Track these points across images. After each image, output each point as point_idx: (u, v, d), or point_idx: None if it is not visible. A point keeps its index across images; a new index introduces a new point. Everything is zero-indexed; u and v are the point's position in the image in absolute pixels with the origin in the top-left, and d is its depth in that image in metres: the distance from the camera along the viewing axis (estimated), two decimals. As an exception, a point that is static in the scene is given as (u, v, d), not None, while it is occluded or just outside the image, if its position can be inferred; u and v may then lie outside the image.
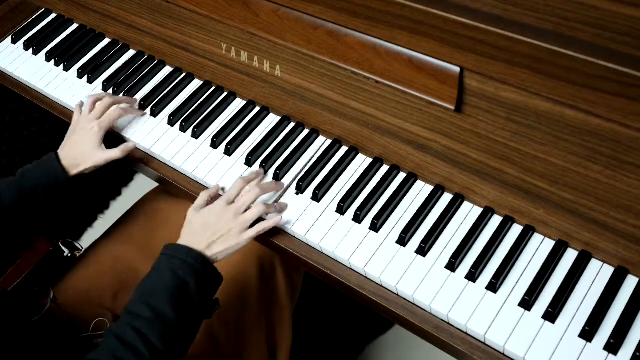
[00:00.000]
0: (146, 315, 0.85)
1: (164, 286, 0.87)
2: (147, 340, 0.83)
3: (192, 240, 0.94)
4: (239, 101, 1.19)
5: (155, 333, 0.84)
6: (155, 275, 0.90)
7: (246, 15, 1.06)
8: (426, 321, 0.89)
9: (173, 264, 0.90)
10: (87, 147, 1.09)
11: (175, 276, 0.88)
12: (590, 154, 0.82)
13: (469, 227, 0.94)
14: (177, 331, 0.86)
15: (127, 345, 0.83)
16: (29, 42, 1.37)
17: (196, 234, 0.94)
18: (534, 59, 0.78)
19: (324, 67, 1.03)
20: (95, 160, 1.09)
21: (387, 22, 0.89)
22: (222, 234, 0.94)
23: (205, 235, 0.94)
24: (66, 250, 1.19)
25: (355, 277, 0.95)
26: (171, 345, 0.85)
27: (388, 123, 1.00)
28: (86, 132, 1.10)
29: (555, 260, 0.89)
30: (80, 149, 1.09)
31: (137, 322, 0.84)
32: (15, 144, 1.67)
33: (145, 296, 0.87)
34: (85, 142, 1.09)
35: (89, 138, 1.09)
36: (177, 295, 0.87)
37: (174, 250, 0.92)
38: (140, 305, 0.86)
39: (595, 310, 0.83)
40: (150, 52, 1.29)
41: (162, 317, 0.85)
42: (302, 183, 1.03)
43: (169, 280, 0.88)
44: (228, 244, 0.94)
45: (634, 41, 0.70)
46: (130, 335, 0.83)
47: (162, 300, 0.86)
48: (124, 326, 0.85)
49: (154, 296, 0.87)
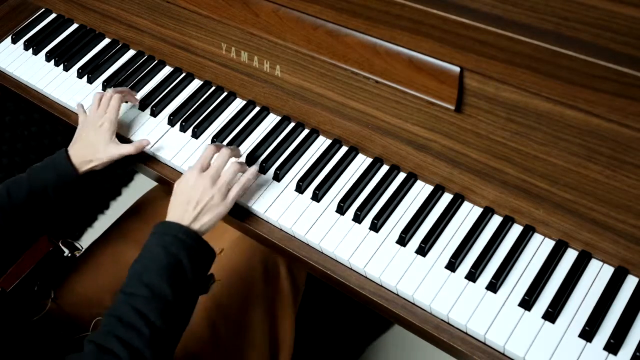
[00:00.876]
0: (143, 294, 0.84)
1: (159, 264, 0.86)
2: (146, 317, 0.82)
3: (179, 217, 0.93)
4: (239, 101, 1.19)
5: (154, 310, 0.83)
6: (148, 254, 0.89)
7: (246, 15, 1.06)
8: (426, 321, 0.89)
9: (165, 241, 0.89)
10: (100, 144, 1.08)
11: (168, 253, 0.87)
12: (590, 154, 0.82)
13: (469, 227, 0.94)
14: (175, 307, 0.86)
15: (126, 324, 0.82)
16: (29, 42, 1.37)
17: (180, 209, 0.94)
18: (534, 59, 0.78)
19: (324, 67, 1.03)
20: (110, 154, 1.08)
21: (387, 22, 0.89)
22: (206, 203, 0.94)
23: (188, 208, 0.93)
24: (66, 250, 1.19)
25: (355, 277, 0.95)
26: (170, 321, 0.84)
27: (388, 123, 1.00)
28: (97, 129, 1.10)
29: (555, 260, 0.89)
30: (92, 146, 1.08)
31: (135, 300, 0.84)
32: (15, 144, 1.67)
33: (140, 275, 0.86)
34: (98, 139, 1.09)
35: (101, 134, 1.09)
36: (171, 272, 0.86)
37: (163, 228, 0.91)
38: (135, 284, 0.85)
39: (595, 310, 0.83)
40: (150, 52, 1.29)
41: (158, 294, 0.84)
42: (302, 183, 1.03)
43: (162, 258, 0.87)
44: (213, 212, 0.94)
45: (634, 41, 0.70)
46: (128, 314, 0.82)
47: (158, 277, 0.85)
48: (122, 305, 0.84)
49: (148, 274, 0.86)
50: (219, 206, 0.95)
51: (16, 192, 1.03)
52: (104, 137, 1.09)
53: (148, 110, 1.20)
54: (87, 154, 1.08)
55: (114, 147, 1.09)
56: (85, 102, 1.24)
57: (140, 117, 1.20)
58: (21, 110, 1.66)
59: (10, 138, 1.66)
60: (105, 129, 1.09)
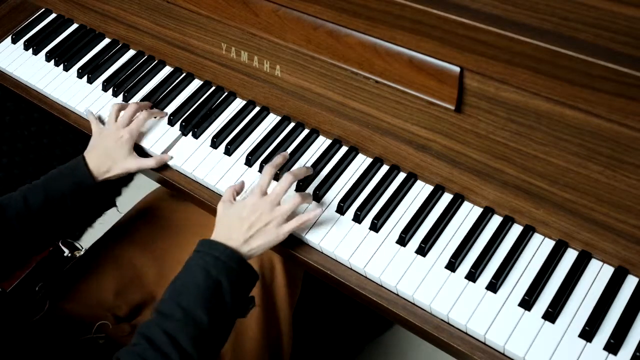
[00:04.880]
0: (177, 317, 0.82)
1: (196, 286, 0.84)
2: (177, 343, 0.80)
3: (227, 236, 0.90)
4: (239, 101, 1.19)
5: (186, 336, 0.81)
6: (187, 274, 0.86)
7: (246, 15, 1.06)
8: (426, 321, 0.89)
9: (206, 262, 0.86)
10: (119, 155, 1.08)
11: (208, 275, 0.85)
12: (590, 154, 0.82)
13: (469, 227, 0.94)
14: (209, 334, 0.83)
15: (156, 348, 0.80)
16: (29, 42, 1.37)
17: (232, 229, 0.91)
18: (534, 59, 0.78)
19: (324, 67, 1.03)
20: (127, 166, 1.08)
21: (387, 22, 0.89)
22: (259, 228, 0.91)
23: (241, 229, 0.90)
24: (66, 250, 1.19)
25: (355, 277, 0.95)
26: (202, 348, 0.82)
27: (388, 123, 1.00)
28: (116, 140, 1.09)
29: (555, 260, 0.89)
30: (111, 157, 1.08)
31: (168, 323, 0.82)
32: (15, 144, 1.67)
33: (177, 296, 0.84)
34: (117, 151, 1.08)
35: (120, 146, 1.09)
36: (209, 296, 0.84)
37: (208, 246, 0.89)
38: (171, 305, 0.83)
39: (595, 310, 0.83)
40: (150, 52, 1.29)
41: (193, 319, 0.82)
42: (302, 183, 1.03)
43: (201, 280, 0.84)
44: (266, 238, 0.91)
45: (634, 41, 0.70)
46: (160, 338, 0.80)
47: (194, 301, 0.83)
48: (154, 327, 0.82)
49: (185, 296, 0.84)
50: (271, 234, 0.91)
51: (33, 199, 1.02)
52: (122, 148, 1.09)
53: (148, 110, 1.20)
54: (104, 163, 1.08)
55: (133, 160, 1.09)
56: (86, 103, 1.24)
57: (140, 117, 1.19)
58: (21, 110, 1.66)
59: (10, 138, 1.66)
60: (125, 140, 1.09)
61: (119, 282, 1.14)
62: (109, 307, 1.11)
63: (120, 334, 1.07)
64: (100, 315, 1.09)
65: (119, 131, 1.10)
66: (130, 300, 1.13)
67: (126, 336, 1.07)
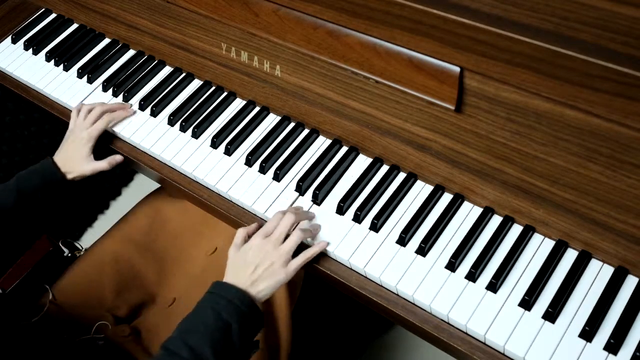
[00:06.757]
0: (184, 356, 0.82)
1: (206, 327, 0.84)
2: None
3: (235, 280, 0.90)
4: (239, 101, 1.19)
5: None
6: (199, 314, 0.87)
7: (246, 15, 1.06)
8: (426, 321, 0.89)
9: (218, 304, 0.86)
10: (77, 157, 1.12)
11: (219, 317, 0.85)
12: (590, 154, 0.82)
13: (469, 227, 0.94)
14: None
15: None
16: (29, 42, 1.37)
17: (239, 272, 0.91)
18: (534, 59, 0.78)
19: (324, 67, 1.03)
20: (82, 170, 1.12)
21: (387, 22, 0.89)
22: (265, 269, 0.90)
23: (247, 272, 0.90)
24: (66, 250, 1.19)
25: (355, 277, 0.95)
26: None
27: (388, 123, 1.00)
28: (78, 141, 1.13)
29: (555, 260, 0.89)
30: (71, 158, 1.12)
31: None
32: (15, 144, 1.67)
33: (186, 335, 0.84)
34: (76, 151, 1.12)
35: (79, 147, 1.12)
36: (218, 338, 0.84)
37: (221, 289, 0.89)
38: (179, 343, 0.83)
39: (595, 310, 0.83)
40: (150, 52, 1.29)
41: (200, 358, 0.82)
42: (302, 183, 1.03)
43: (212, 322, 0.85)
44: (273, 279, 0.90)
45: (634, 41, 0.70)
46: None
47: (203, 341, 0.83)
48: None
49: (194, 336, 0.84)
50: (279, 274, 0.91)
51: (4, 197, 1.05)
52: (81, 150, 1.12)
53: (148, 111, 1.20)
54: (65, 164, 1.12)
55: (87, 163, 1.12)
56: (86, 103, 1.24)
57: (140, 117, 1.20)
58: (21, 110, 1.66)
59: (10, 138, 1.66)
60: (84, 143, 1.13)
61: (118, 282, 1.14)
62: (109, 307, 1.11)
63: (120, 335, 1.07)
64: (100, 315, 1.09)
65: (81, 132, 1.14)
66: (130, 300, 1.13)
67: (125, 337, 1.07)
